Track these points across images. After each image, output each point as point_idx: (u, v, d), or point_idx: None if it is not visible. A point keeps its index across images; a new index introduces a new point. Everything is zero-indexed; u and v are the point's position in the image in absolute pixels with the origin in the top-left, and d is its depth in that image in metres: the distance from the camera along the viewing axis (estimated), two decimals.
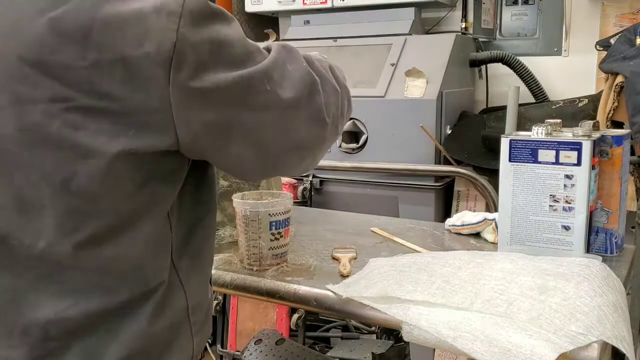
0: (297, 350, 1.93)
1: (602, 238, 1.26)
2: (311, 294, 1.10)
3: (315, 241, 1.40)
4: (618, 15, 2.73)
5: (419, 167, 2.44)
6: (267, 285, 1.15)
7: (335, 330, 2.65)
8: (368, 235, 1.46)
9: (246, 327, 2.56)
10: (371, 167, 2.52)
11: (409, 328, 0.96)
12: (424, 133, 2.41)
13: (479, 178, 2.37)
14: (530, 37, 2.99)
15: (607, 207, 1.26)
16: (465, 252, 1.26)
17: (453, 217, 1.49)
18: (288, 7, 3.06)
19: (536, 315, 0.93)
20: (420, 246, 1.34)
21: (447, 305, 0.98)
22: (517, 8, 3.01)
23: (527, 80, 2.79)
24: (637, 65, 2.09)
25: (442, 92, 2.45)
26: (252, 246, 1.20)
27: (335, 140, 0.97)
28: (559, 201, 1.17)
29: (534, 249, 1.20)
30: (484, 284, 1.04)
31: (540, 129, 1.19)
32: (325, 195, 2.68)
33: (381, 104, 2.50)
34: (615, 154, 1.23)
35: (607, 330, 0.90)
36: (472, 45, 2.90)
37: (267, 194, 1.30)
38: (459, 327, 0.93)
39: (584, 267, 1.08)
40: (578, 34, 2.85)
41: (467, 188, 2.57)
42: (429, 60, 2.52)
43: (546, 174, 1.17)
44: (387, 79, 2.54)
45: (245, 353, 1.95)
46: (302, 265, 1.23)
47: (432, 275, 1.08)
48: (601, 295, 0.98)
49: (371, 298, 1.03)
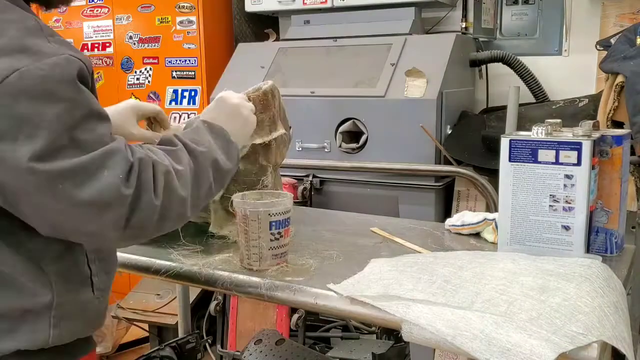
0: (297, 351, 1.93)
1: (602, 238, 1.26)
2: (311, 293, 1.10)
3: (315, 241, 1.40)
4: (618, 15, 2.73)
5: (419, 167, 2.44)
6: (267, 285, 1.15)
7: (335, 331, 2.66)
8: (368, 235, 1.46)
9: (246, 327, 2.56)
10: (371, 167, 2.52)
11: (409, 328, 0.96)
12: (424, 133, 2.41)
13: (479, 178, 2.37)
14: (531, 37, 2.99)
15: (607, 207, 1.26)
16: (467, 252, 1.26)
17: (453, 217, 1.49)
18: (288, 7, 3.06)
19: (536, 315, 0.93)
20: (420, 246, 1.34)
21: (447, 305, 0.98)
22: (517, 8, 3.01)
23: (528, 80, 2.79)
24: (637, 65, 2.09)
25: (442, 92, 2.45)
26: (252, 246, 1.20)
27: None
28: (559, 201, 1.17)
29: (534, 249, 1.20)
30: (485, 283, 1.04)
31: (540, 129, 1.19)
32: (325, 195, 2.68)
33: (381, 104, 2.50)
34: (615, 153, 1.23)
35: (607, 331, 0.90)
36: (472, 45, 2.91)
37: (267, 194, 1.30)
38: (459, 326, 0.93)
39: (585, 267, 1.08)
40: (578, 34, 2.85)
41: (467, 188, 2.57)
42: (429, 60, 2.52)
43: (546, 174, 1.17)
44: (387, 79, 2.54)
45: (245, 353, 1.95)
46: (302, 265, 1.23)
47: (433, 274, 1.08)
48: (602, 296, 0.98)
49: (372, 297, 1.03)
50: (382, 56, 2.63)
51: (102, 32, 3.53)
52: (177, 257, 1.29)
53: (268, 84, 1.35)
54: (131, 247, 1.37)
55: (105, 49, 3.54)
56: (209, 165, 1.06)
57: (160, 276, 1.26)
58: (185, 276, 1.24)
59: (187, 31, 3.24)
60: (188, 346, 2.12)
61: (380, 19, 2.84)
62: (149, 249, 1.35)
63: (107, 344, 3.00)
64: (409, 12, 2.82)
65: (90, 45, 3.59)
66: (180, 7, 3.24)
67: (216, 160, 1.07)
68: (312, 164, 2.63)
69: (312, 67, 2.80)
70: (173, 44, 3.29)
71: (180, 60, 3.29)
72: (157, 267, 1.27)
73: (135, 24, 3.41)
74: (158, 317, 2.82)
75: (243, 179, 1.38)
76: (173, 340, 2.14)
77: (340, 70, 2.71)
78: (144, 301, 2.90)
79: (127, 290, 3.13)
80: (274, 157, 1.40)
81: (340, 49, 2.80)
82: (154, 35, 3.35)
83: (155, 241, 1.40)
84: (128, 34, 3.44)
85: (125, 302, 2.92)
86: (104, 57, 3.54)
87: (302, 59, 2.86)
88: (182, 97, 3.31)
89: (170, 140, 1.05)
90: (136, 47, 3.42)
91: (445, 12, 3.04)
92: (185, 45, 3.26)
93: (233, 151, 1.13)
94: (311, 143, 2.66)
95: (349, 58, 2.74)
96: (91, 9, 3.56)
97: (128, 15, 3.43)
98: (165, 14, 3.29)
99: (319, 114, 2.63)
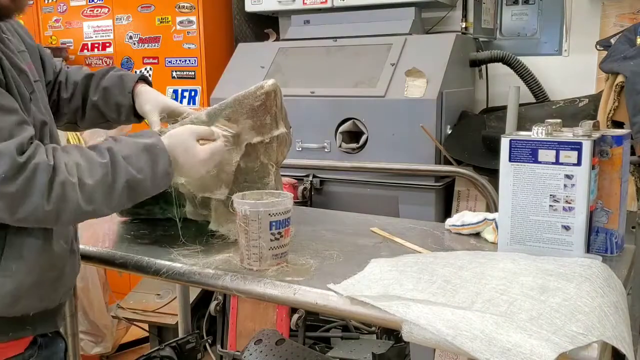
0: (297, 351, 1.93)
1: (602, 238, 1.26)
2: (311, 294, 1.10)
3: (315, 241, 1.40)
4: (618, 15, 2.73)
5: (419, 167, 2.44)
6: (267, 285, 1.15)
7: (335, 331, 2.66)
8: (368, 235, 1.46)
9: (246, 327, 2.56)
10: (371, 167, 2.52)
11: (409, 327, 0.96)
12: (424, 133, 2.41)
13: (479, 178, 2.37)
14: (531, 37, 2.99)
15: (607, 207, 1.26)
16: (467, 252, 1.26)
17: (453, 217, 1.49)
18: (288, 7, 3.05)
19: (536, 315, 0.93)
20: (420, 246, 1.34)
21: (447, 305, 0.98)
22: (517, 8, 3.01)
23: (528, 80, 2.79)
24: (637, 65, 2.09)
25: (442, 92, 2.45)
26: (253, 246, 1.20)
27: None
28: (559, 201, 1.17)
29: (534, 249, 1.20)
30: (485, 283, 1.04)
31: (541, 129, 1.19)
32: (325, 195, 2.68)
33: (381, 104, 2.50)
34: (615, 153, 1.23)
35: (608, 331, 0.90)
36: (472, 45, 2.90)
37: (267, 194, 1.30)
38: (459, 326, 0.93)
39: (585, 267, 1.08)
40: (578, 34, 2.85)
41: (467, 188, 2.57)
42: (429, 60, 2.52)
43: (546, 174, 1.17)
44: (387, 79, 2.54)
45: (245, 353, 1.96)
46: (302, 265, 1.23)
47: (433, 275, 1.08)
48: (602, 296, 0.98)
49: (372, 297, 1.03)
50: (382, 56, 2.63)
51: (102, 32, 3.53)
52: (177, 257, 1.29)
53: (270, 83, 1.35)
54: (131, 247, 1.37)
55: (105, 49, 3.54)
56: (129, 187, 1.10)
57: (160, 276, 1.26)
58: (185, 276, 1.24)
59: (187, 31, 3.24)
60: (188, 346, 2.13)
61: (380, 19, 2.84)
62: (149, 249, 1.35)
63: (107, 344, 3.00)
64: (409, 12, 2.81)
65: (90, 45, 3.59)
66: (180, 7, 3.24)
67: (139, 185, 1.11)
68: (312, 164, 2.63)
69: (312, 67, 2.80)
70: (173, 44, 3.29)
71: (180, 60, 3.29)
72: (157, 267, 1.27)
73: (135, 24, 3.42)
74: (158, 317, 2.82)
75: (244, 177, 1.38)
76: (173, 340, 2.14)
77: (340, 70, 2.71)
78: (144, 301, 2.90)
79: (127, 290, 3.13)
80: (275, 156, 1.40)
81: (340, 49, 2.80)
82: (154, 35, 3.35)
83: (155, 241, 1.41)
84: (128, 34, 3.44)
85: (125, 302, 2.92)
86: (104, 57, 3.54)
87: (302, 59, 2.86)
88: (182, 97, 3.31)
89: (101, 151, 1.10)
90: (136, 47, 3.42)
91: (445, 12, 3.04)
92: (185, 45, 3.26)
93: (164, 183, 1.17)
94: (311, 143, 2.66)
95: (349, 58, 2.74)
96: (91, 9, 3.56)
97: (128, 15, 3.43)
98: (165, 14, 3.29)
99: (319, 114, 2.63)
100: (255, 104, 1.32)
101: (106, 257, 1.36)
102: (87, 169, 1.06)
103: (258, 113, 1.33)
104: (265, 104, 1.33)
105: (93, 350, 2.96)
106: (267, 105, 1.34)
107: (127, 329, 3.10)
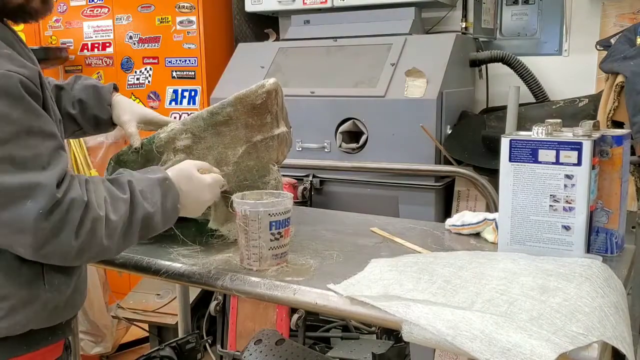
0: (297, 351, 1.93)
1: (602, 238, 1.26)
2: (311, 294, 1.10)
3: (315, 241, 1.40)
4: (618, 15, 2.72)
5: (419, 167, 2.44)
6: (267, 285, 1.15)
7: (335, 331, 2.66)
8: (368, 235, 1.46)
9: (246, 327, 2.56)
10: (371, 167, 2.52)
11: (409, 327, 0.96)
12: (424, 133, 2.41)
13: (479, 178, 2.37)
14: (531, 37, 2.98)
15: (608, 207, 1.26)
16: (467, 252, 1.26)
17: (453, 217, 1.49)
18: (288, 7, 3.05)
19: (537, 315, 0.93)
20: (420, 246, 1.34)
21: (447, 305, 0.98)
22: (517, 8, 3.01)
23: (528, 80, 2.79)
24: (637, 65, 2.09)
25: (442, 92, 2.45)
26: (252, 246, 1.20)
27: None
28: (559, 201, 1.17)
29: (534, 249, 1.20)
30: (485, 283, 1.04)
31: (541, 129, 1.19)
32: (325, 195, 2.68)
33: (381, 104, 2.50)
34: (615, 153, 1.23)
35: (608, 331, 0.90)
36: (472, 45, 2.90)
37: (267, 194, 1.30)
38: (459, 326, 0.93)
39: (585, 267, 1.08)
40: (578, 34, 2.85)
41: (467, 188, 2.57)
42: (429, 60, 2.52)
43: (546, 174, 1.17)
44: (387, 79, 2.54)
45: (245, 353, 1.95)
46: (302, 266, 1.23)
47: (433, 275, 1.08)
48: (602, 296, 0.98)
49: (372, 297, 1.03)
50: (382, 56, 2.63)
51: (102, 32, 3.53)
52: (177, 257, 1.29)
53: (272, 81, 1.35)
54: (131, 247, 1.37)
55: (105, 49, 3.54)
56: (143, 223, 1.09)
57: (160, 276, 1.26)
58: (185, 276, 1.24)
59: (187, 31, 3.24)
60: (188, 346, 2.12)
61: (380, 19, 2.84)
62: (149, 249, 1.35)
63: (107, 344, 3.00)
64: (409, 12, 2.81)
65: (90, 45, 3.59)
66: (180, 7, 3.24)
67: (152, 220, 1.10)
68: (312, 164, 2.63)
69: (312, 67, 2.80)
70: (173, 44, 3.29)
71: (180, 60, 3.29)
72: (157, 267, 1.27)
73: (135, 24, 3.41)
74: (158, 317, 2.81)
75: (244, 175, 1.38)
76: (173, 340, 2.14)
77: (340, 70, 2.71)
78: (144, 301, 2.90)
79: (127, 290, 3.13)
80: (275, 155, 1.40)
81: (340, 49, 2.80)
82: (154, 35, 3.35)
83: (155, 241, 1.41)
84: (128, 34, 3.44)
85: (125, 302, 2.92)
86: (104, 57, 3.54)
87: (302, 59, 2.86)
88: (182, 97, 3.31)
89: (122, 185, 1.08)
90: (136, 47, 3.42)
91: (445, 12, 3.04)
92: (185, 45, 3.26)
93: (172, 218, 1.16)
94: (311, 143, 2.66)
95: (349, 58, 2.74)
96: (91, 9, 3.55)
97: (128, 15, 3.43)
98: (165, 14, 3.28)
99: (319, 114, 2.63)
100: (257, 102, 1.32)
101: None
102: (112, 204, 1.04)
103: (259, 111, 1.33)
104: (267, 102, 1.34)
105: (93, 350, 2.96)
106: (268, 103, 1.34)
107: (127, 329, 3.10)
